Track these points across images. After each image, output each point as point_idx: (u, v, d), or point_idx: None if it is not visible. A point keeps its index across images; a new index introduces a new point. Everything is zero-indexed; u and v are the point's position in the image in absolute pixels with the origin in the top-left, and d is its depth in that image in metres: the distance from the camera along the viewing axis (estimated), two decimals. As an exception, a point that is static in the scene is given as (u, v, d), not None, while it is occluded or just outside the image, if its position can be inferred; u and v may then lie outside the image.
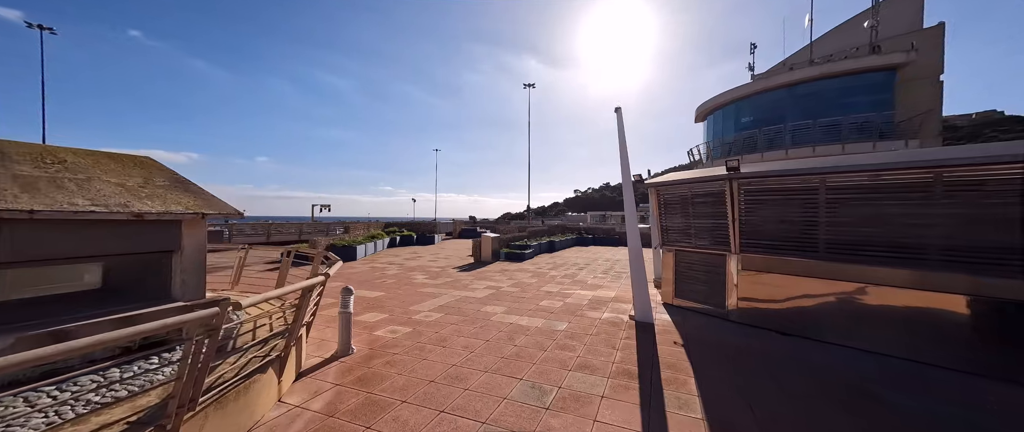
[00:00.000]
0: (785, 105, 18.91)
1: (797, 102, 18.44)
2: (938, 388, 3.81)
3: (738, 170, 5.60)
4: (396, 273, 10.97)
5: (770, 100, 19.55)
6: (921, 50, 15.58)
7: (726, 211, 6.00)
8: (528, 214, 70.26)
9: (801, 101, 18.26)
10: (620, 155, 6.46)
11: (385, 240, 18.56)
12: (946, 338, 4.25)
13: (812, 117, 17.67)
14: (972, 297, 4.11)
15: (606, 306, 7.16)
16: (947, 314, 4.24)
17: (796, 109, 18.42)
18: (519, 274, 10.98)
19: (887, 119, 15.93)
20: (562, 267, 12.59)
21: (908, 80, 15.94)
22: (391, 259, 14.37)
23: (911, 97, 15.91)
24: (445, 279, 10.05)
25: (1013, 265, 3.85)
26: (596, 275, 10.98)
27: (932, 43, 16.00)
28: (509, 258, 14.44)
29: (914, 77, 15.96)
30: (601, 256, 16.23)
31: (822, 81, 17.49)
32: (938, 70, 16.09)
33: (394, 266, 12.43)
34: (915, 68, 15.88)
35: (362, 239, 16.30)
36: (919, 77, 15.98)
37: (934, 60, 15.97)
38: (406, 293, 8.18)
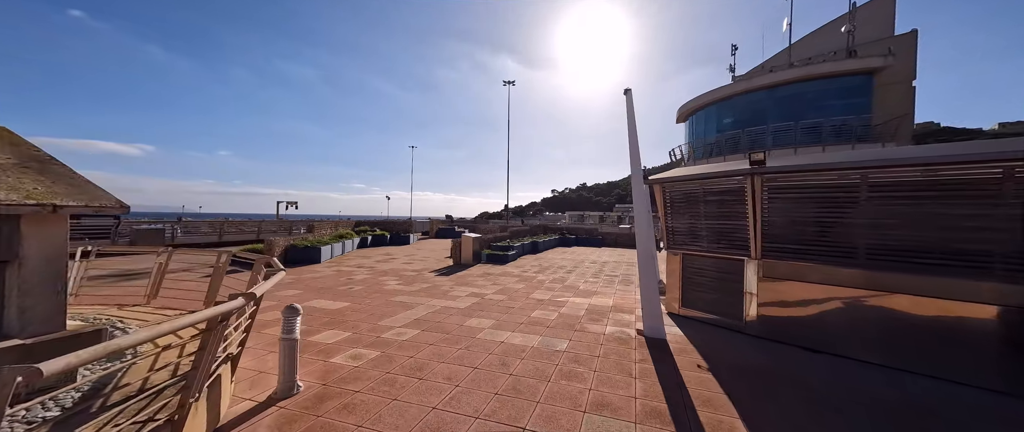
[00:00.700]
0: (766, 107, 18.99)
1: (778, 104, 18.55)
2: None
3: (763, 164, 4.90)
4: (365, 278, 9.74)
5: (751, 101, 19.59)
6: (896, 55, 15.93)
7: (745, 211, 5.30)
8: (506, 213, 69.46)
9: (782, 103, 18.38)
10: (629, 142, 5.64)
11: (355, 240, 17.08)
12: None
13: (792, 119, 17.78)
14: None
15: (606, 317, 6.33)
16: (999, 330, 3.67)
17: (777, 111, 18.52)
18: (504, 279, 10.02)
19: (865, 122, 16.19)
20: (549, 270, 11.75)
21: (884, 84, 16.26)
22: (361, 261, 13.04)
23: (887, 101, 16.24)
24: (421, 285, 8.94)
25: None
26: (587, 279, 10.20)
27: (906, 49, 16.39)
28: (491, 260, 13.45)
29: (890, 82, 16.29)
30: (587, 258, 15.54)
31: (802, 83, 17.62)
32: (911, 75, 16.51)
33: (363, 270, 11.15)
34: (891, 73, 16.21)
35: (328, 239, 14.81)
36: (894, 82, 16.33)
37: (908, 65, 16.37)
38: (375, 303, 7.04)
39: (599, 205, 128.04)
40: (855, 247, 4.42)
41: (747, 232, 5.32)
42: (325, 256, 12.92)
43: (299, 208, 41.30)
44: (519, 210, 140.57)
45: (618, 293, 8.39)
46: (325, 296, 7.58)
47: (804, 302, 4.85)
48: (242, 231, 18.63)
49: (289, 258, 12.17)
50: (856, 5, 18.21)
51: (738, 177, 5.31)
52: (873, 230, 4.29)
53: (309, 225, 15.86)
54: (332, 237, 15.59)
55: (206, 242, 17.87)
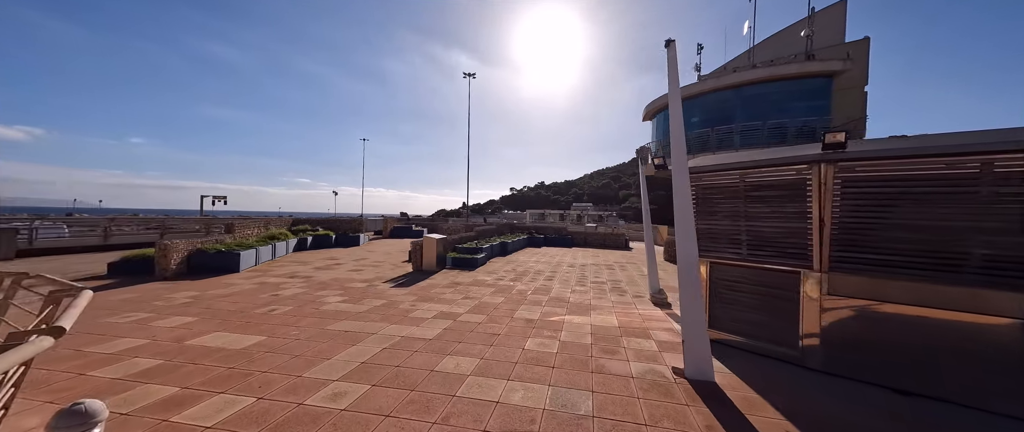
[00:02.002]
0: (733, 106, 19.03)
1: (744, 103, 18.66)
2: None
3: (844, 145, 3.72)
4: (296, 294, 7.52)
5: (719, 100, 19.57)
6: (854, 60, 16.51)
7: (806, 209, 4.13)
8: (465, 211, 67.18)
9: (748, 102, 18.50)
10: (671, 108, 4.24)
11: (291, 241, 14.34)
12: None
13: (758, 118, 17.91)
14: None
15: (621, 346, 4.92)
16: None
17: (743, 110, 18.61)
18: (477, 290, 8.31)
19: (825, 124, 16.60)
20: (527, 277, 10.22)
21: (841, 88, 16.81)
22: (296, 268, 10.59)
23: (843, 104, 16.80)
24: (373, 302, 6.97)
25: None
26: (573, 288, 8.80)
27: (858, 55, 17.08)
28: (458, 265, 11.65)
29: (846, 86, 16.88)
30: (562, 260, 14.26)
31: (768, 84, 17.78)
32: (864, 81, 17.25)
33: (297, 280, 8.84)
34: (847, 77, 16.80)
35: (254, 241, 12.07)
36: (850, 86, 16.96)
37: (861, 71, 17.08)
38: (305, 336, 5.03)
39: (558, 203, 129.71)
40: (966, 256, 3.36)
41: (808, 237, 4.15)
42: (246, 263, 10.30)
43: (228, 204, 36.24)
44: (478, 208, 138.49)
45: (616, 307, 7.06)
46: (230, 325, 5.39)
47: (888, 327, 3.75)
48: (138, 231, 14.95)
49: (195, 266, 9.46)
50: (815, 10, 18.80)
51: (800, 165, 4.11)
52: (999, 236, 3.24)
53: (228, 224, 12.89)
54: (260, 239, 12.81)
55: (90, 246, 14.05)
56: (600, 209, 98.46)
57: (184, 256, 9.28)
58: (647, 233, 8.12)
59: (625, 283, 9.59)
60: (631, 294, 8.23)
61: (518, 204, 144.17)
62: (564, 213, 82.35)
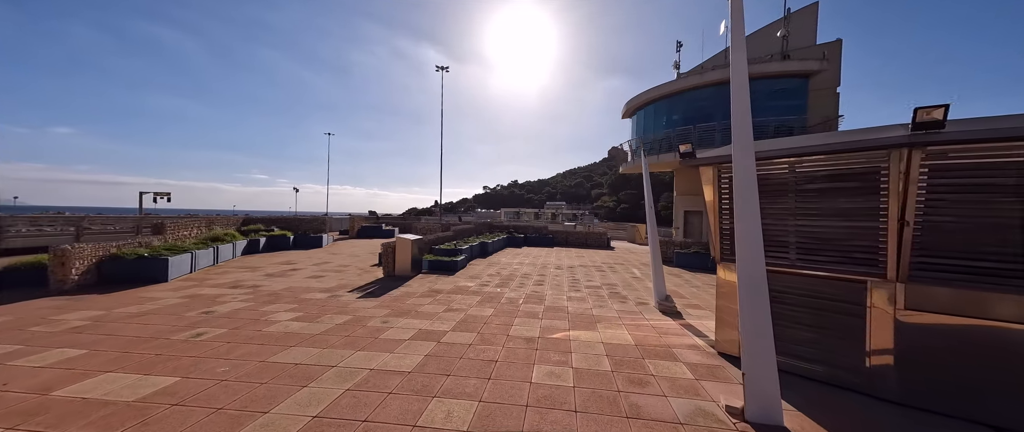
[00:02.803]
0: (714, 103, 18.95)
1: (725, 101, 18.62)
2: None
3: (942, 124, 2.97)
4: (237, 309, 6.08)
5: (700, 98, 19.45)
6: (829, 61, 16.80)
7: (880, 205, 3.39)
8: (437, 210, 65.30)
9: (729, 100, 18.47)
10: (732, 65, 3.35)
11: (239, 243, 12.49)
12: None
13: (737, 118, 17.94)
14: None
15: (648, 373, 4.01)
16: None
17: (724, 108, 18.53)
18: (461, 299, 7.19)
19: (802, 123, 16.79)
20: (514, 281, 9.19)
21: (816, 89, 17.08)
22: (242, 276, 8.97)
23: (818, 104, 17.08)
24: (335, 319, 5.68)
25: None
26: (568, 295, 7.88)
27: (832, 56, 17.42)
28: (436, 269, 10.43)
29: (820, 86, 17.16)
30: (548, 261, 13.36)
31: (750, 81, 17.80)
32: (837, 82, 17.63)
33: (240, 292, 7.32)
34: (821, 78, 17.08)
35: (191, 243, 10.24)
36: (824, 87, 17.26)
37: (834, 72, 17.43)
38: (236, 374, 3.74)
39: (531, 202, 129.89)
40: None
41: (879, 239, 3.41)
42: (177, 270, 8.57)
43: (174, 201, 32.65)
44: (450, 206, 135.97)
45: (623, 317, 6.19)
46: (131, 361, 3.97)
47: (985, 351, 3.06)
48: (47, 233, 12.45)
49: (108, 276, 7.69)
50: (791, 11, 19.07)
51: (875, 150, 3.35)
52: None
53: (157, 223, 10.87)
54: (199, 241, 10.96)
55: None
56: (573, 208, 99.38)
57: (92, 264, 7.48)
58: (651, 235, 7.34)
59: (622, 287, 8.80)
60: (633, 301, 7.42)
61: (492, 203, 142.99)
62: (539, 212, 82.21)
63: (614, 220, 79.16)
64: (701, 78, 18.78)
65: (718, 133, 17.78)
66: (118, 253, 7.95)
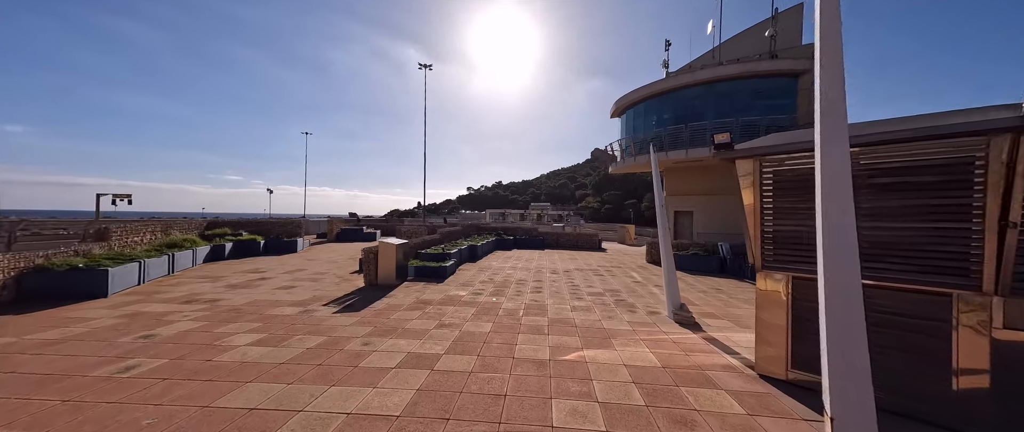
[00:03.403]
0: (706, 102, 18.74)
1: (717, 100, 18.43)
2: None
3: (1067, 106, 2.41)
4: (186, 331, 5.08)
5: (690, 97, 19.22)
6: (817, 61, 16.82)
7: (973, 203, 2.83)
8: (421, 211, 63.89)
9: (721, 99, 18.28)
10: (819, 45, 2.68)
11: (201, 250, 11.24)
12: None
13: (726, 116, 17.74)
14: None
15: (689, 406, 3.34)
16: None
17: (714, 107, 18.37)
18: (453, 311, 6.37)
19: (793, 122, 16.74)
20: (509, 289, 8.43)
21: (805, 88, 17.09)
22: (200, 288, 7.85)
23: (805, 104, 17.11)
24: (306, 342, 4.78)
25: None
26: (571, 304, 7.18)
27: (820, 58, 17.46)
28: (424, 275, 9.56)
29: (808, 86, 17.19)
30: (541, 264, 12.66)
31: (740, 81, 17.67)
32: (825, 83, 17.70)
33: (194, 308, 6.27)
34: (809, 77, 17.12)
35: (143, 250, 9.01)
36: (811, 86, 17.29)
37: (823, 73, 17.48)
38: (168, 426, 2.83)
39: (516, 203, 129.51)
40: None
41: (971, 244, 2.85)
42: (121, 283, 7.39)
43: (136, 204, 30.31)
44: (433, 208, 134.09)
45: (638, 331, 5.53)
46: (23, 414, 2.99)
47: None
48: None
49: (31, 292, 6.49)
50: (779, 11, 19.10)
51: (970, 137, 2.78)
52: None
53: (100, 229, 9.50)
54: (152, 247, 9.71)
55: None
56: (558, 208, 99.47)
57: (9, 277, 6.26)
58: (663, 238, 6.72)
59: (627, 294, 8.18)
60: (643, 310, 6.79)
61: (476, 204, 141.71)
62: (524, 213, 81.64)
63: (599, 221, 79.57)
64: (692, 77, 18.55)
65: (710, 132, 17.53)
66: (46, 264, 6.74)
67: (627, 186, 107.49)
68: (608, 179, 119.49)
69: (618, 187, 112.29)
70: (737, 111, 17.57)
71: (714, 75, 17.86)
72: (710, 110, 18.30)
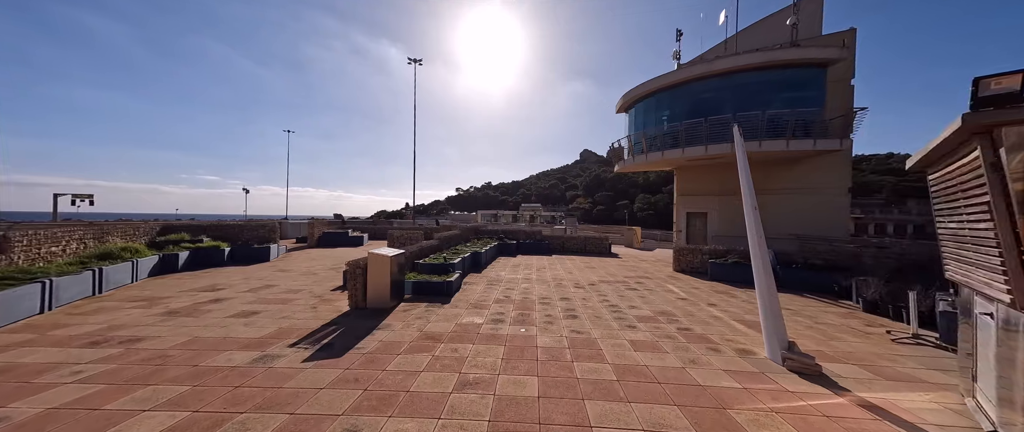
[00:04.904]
0: (722, 96, 17.34)
1: (735, 93, 17.05)
2: None
3: None
4: (62, 405, 3.14)
5: (708, 88, 17.78)
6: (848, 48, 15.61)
7: None
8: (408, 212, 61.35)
9: (739, 92, 16.92)
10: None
11: (145, 261, 9.12)
12: None
13: (746, 109, 16.36)
14: None
15: None
16: None
17: (733, 100, 16.99)
18: (471, 352, 4.57)
19: (820, 116, 15.48)
20: (533, 312, 6.65)
21: (833, 80, 15.86)
22: (123, 316, 5.82)
23: (835, 96, 15.88)
24: (250, 428, 2.92)
25: None
26: (626, 335, 5.45)
27: (847, 45, 16.30)
28: (423, 292, 7.72)
29: (836, 78, 15.97)
30: (556, 274, 10.91)
31: (762, 71, 16.32)
32: (851, 73, 16.54)
33: (103, 351, 4.29)
34: (837, 69, 15.90)
35: (59, 265, 6.91)
36: (839, 78, 16.09)
37: (849, 63, 16.32)
38: None
39: (506, 204, 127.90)
40: None
41: None
42: (11, 312, 5.33)
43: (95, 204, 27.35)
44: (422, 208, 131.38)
45: (754, 392, 3.85)
46: None
47: None
48: None
49: None
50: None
51: None
52: None
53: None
54: (72, 261, 7.60)
55: None
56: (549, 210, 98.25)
57: None
58: (757, 249, 5.05)
59: (684, 318, 6.50)
60: (728, 348, 5.11)
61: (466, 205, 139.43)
62: (516, 214, 79.97)
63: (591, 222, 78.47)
64: (709, 67, 17.13)
65: (734, 126, 16.10)
66: None
67: (618, 187, 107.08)
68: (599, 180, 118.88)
69: (609, 188, 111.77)
70: (757, 104, 16.19)
71: (734, 65, 16.48)
72: (727, 103, 16.91)
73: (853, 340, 5.42)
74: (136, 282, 8.57)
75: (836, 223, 16.05)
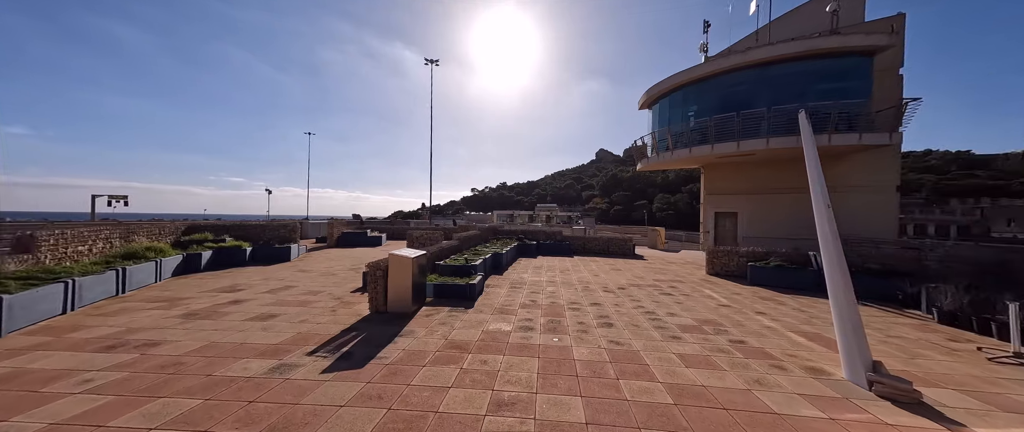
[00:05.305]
0: (756, 88, 16.33)
1: (770, 85, 16.06)
2: None
3: None
4: (68, 420, 2.86)
5: (739, 81, 16.82)
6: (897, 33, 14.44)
7: None
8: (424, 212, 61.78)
9: (775, 84, 15.91)
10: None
11: (168, 261, 9.09)
12: None
13: (783, 102, 15.34)
14: None
15: None
16: None
17: (768, 93, 16.00)
18: (502, 364, 4.13)
19: (867, 108, 14.37)
20: (564, 319, 6.16)
21: (881, 69, 14.70)
22: (142, 318, 5.65)
23: (883, 87, 14.72)
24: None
25: None
26: (665, 345, 4.91)
27: (896, 31, 15.10)
28: (445, 295, 7.35)
29: (884, 66, 14.80)
30: (583, 277, 10.38)
31: (801, 62, 15.28)
32: (900, 62, 15.33)
33: (118, 356, 4.07)
34: (885, 57, 14.72)
35: (83, 266, 6.86)
36: (887, 67, 14.91)
37: (897, 50, 15.12)
38: None
39: (521, 204, 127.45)
40: None
41: None
42: (33, 314, 5.22)
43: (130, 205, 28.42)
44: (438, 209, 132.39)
45: (846, 423, 3.26)
46: None
47: None
48: None
49: None
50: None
51: None
52: None
53: (23, 236, 7.20)
54: (98, 261, 7.57)
55: None
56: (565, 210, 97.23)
57: None
58: (828, 252, 4.42)
59: (733, 328, 5.88)
60: (794, 365, 4.50)
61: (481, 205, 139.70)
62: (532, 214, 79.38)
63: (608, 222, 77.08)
64: (743, 58, 16.19)
65: (766, 121, 15.18)
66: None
67: (636, 186, 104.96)
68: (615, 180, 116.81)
69: (626, 188, 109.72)
70: (794, 96, 15.17)
71: (770, 55, 15.51)
72: (761, 97, 15.90)
73: (941, 358, 4.71)
74: (159, 282, 8.53)
75: (884, 224, 14.89)
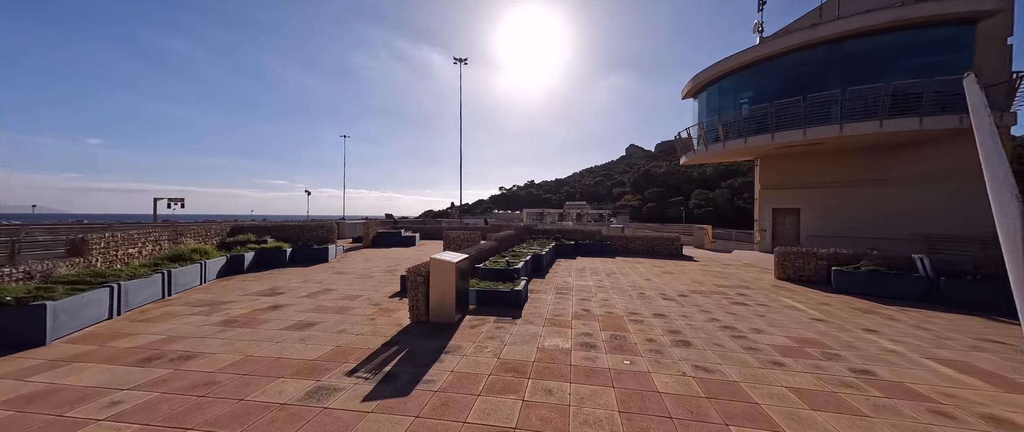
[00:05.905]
0: (825, 68, 14.52)
1: (843, 63, 14.19)
2: None
3: None
4: None
5: (801, 62, 15.07)
6: (1000, 1, 12.25)
7: None
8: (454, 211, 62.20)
9: (848, 61, 14.06)
10: None
11: (213, 262, 9.10)
12: None
13: (859, 82, 13.46)
14: None
15: None
16: None
17: (840, 73, 14.17)
18: (570, 393, 3.40)
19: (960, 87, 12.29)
20: (628, 333, 5.34)
21: (984, 38, 12.55)
22: (183, 325, 5.44)
23: (984, 61, 12.56)
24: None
25: None
26: (771, 373, 3.98)
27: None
28: (489, 303, 6.73)
29: (987, 36, 12.62)
30: (634, 281, 9.43)
31: (884, 35, 13.34)
32: (1008, 30, 13.04)
33: (153, 372, 3.75)
34: (989, 25, 12.56)
35: (131, 269, 6.84)
36: (991, 37, 12.71)
37: (1006, 16, 12.85)
38: None
39: (550, 202, 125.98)
40: None
41: None
42: (78, 319, 5.11)
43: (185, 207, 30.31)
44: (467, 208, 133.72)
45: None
46: None
47: None
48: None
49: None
50: (928, -56, 14.50)
51: None
52: None
53: (76, 240, 7.33)
54: (146, 263, 7.60)
55: None
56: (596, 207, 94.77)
57: None
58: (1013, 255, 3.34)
59: (841, 348, 4.82)
60: (972, 418, 3.46)
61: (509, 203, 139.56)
62: (562, 212, 77.91)
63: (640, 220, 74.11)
64: (812, 34, 14.41)
65: (839, 105, 13.41)
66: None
67: (670, 182, 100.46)
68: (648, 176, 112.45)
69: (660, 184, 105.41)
70: (870, 77, 13.30)
71: (846, 29, 13.69)
72: (833, 77, 14.10)
73: None
74: (204, 283, 8.52)
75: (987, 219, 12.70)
